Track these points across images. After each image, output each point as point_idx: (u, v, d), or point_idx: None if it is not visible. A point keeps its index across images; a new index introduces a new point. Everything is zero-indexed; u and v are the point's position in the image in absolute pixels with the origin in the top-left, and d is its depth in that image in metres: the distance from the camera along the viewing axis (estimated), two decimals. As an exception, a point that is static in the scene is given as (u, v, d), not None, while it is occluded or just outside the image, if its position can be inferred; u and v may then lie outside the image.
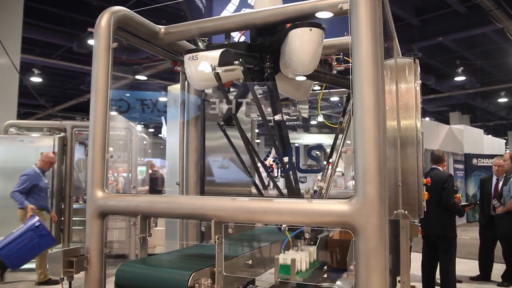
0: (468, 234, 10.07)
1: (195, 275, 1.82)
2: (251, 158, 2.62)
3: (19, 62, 8.74)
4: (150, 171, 10.10)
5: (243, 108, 2.92)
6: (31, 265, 7.26)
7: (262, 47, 2.53)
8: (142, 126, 9.36)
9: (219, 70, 2.34)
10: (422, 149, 3.33)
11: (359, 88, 1.63)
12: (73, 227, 7.50)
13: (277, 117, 2.42)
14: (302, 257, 2.13)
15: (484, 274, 6.60)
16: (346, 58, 2.89)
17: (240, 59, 2.25)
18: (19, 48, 8.85)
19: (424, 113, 19.50)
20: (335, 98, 3.33)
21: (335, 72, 3.01)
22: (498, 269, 6.47)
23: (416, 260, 5.29)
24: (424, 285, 5.54)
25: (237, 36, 2.91)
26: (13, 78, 8.57)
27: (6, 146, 7.27)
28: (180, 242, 2.97)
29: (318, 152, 2.70)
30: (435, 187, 5.17)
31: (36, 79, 13.66)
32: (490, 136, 21.37)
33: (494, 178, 6.36)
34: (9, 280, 6.47)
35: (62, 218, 7.42)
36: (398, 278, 3.52)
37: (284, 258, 2.02)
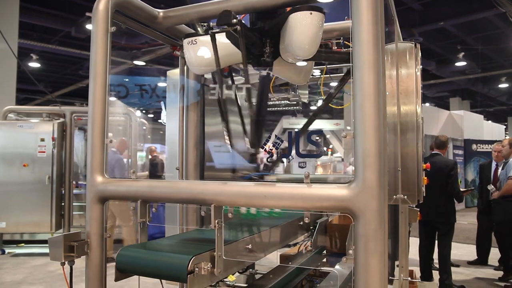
0: (466, 219, 10.14)
1: (195, 259, 1.83)
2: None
3: (17, 47, 8.68)
4: (150, 157, 10.11)
5: (243, 93, 2.91)
6: (32, 250, 7.36)
7: (262, 31, 2.50)
8: (142, 111, 9.33)
9: (216, 29, 2.30)
10: (422, 134, 3.33)
11: (359, 73, 1.62)
12: (74, 213, 7.55)
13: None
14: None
15: (482, 259, 6.67)
16: (347, 42, 2.87)
17: (238, 19, 2.21)
18: (17, 33, 8.78)
19: (424, 99, 19.46)
20: (334, 83, 3.30)
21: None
22: (495, 253, 6.54)
23: (413, 245, 5.33)
24: (422, 270, 5.60)
25: (236, 20, 2.88)
26: (11, 63, 8.52)
27: (6, 132, 7.27)
28: (180, 226, 2.99)
29: (318, 137, 2.70)
30: (439, 173, 5.20)
31: (34, 65, 13.57)
32: (490, 121, 21.36)
33: (494, 164, 6.37)
34: (9, 265, 6.53)
35: (63, 204, 7.46)
36: (396, 263, 3.55)
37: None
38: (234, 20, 2.19)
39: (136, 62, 12.93)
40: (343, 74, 3.32)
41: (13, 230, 7.37)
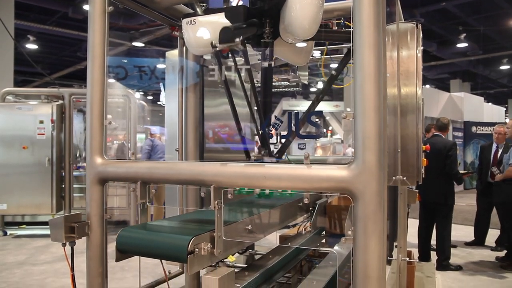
0: (464, 201, 10.21)
1: (195, 239, 1.85)
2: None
3: (13, 28, 8.58)
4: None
5: (242, 74, 2.89)
6: (33, 231, 7.42)
7: (261, 11, 2.47)
8: (141, 93, 9.29)
9: (220, 47, 2.29)
10: (422, 116, 3.32)
11: (360, 53, 1.60)
12: (74, 195, 7.58)
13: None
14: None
15: (479, 240, 6.74)
16: (347, 23, 2.83)
17: (241, 37, 2.21)
18: (12, 13, 8.67)
19: (425, 81, 19.34)
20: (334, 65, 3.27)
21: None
22: (492, 234, 6.61)
23: (412, 226, 5.38)
24: (420, 250, 5.66)
25: (235, 0, 2.84)
26: (8, 44, 8.44)
27: (4, 114, 7.25)
28: (180, 208, 3.00)
29: (317, 119, 2.69)
30: (438, 154, 5.21)
31: (31, 46, 13.44)
32: (490, 104, 21.30)
33: (494, 146, 6.39)
34: (11, 246, 6.59)
35: (63, 186, 7.49)
36: (395, 243, 3.59)
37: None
38: (237, 40, 2.21)
39: (135, 44, 12.81)
40: (343, 55, 3.29)
41: (14, 212, 7.41)
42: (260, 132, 2.48)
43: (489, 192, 6.13)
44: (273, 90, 3.68)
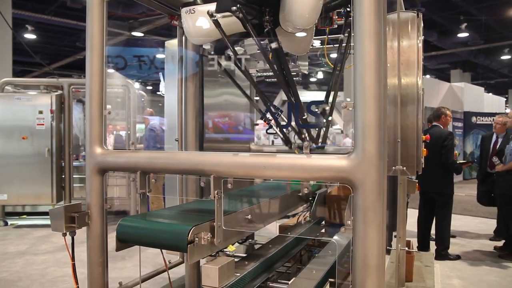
0: (464, 191, 10.23)
1: (195, 229, 1.85)
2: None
3: (11, 17, 8.52)
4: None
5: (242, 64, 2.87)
6: (34, 221, 7.44)
7: (261, -1, 2.45)
8: (140, 83, 9.25)
9: (218, 16, 2.26)
10: (422, 106, 3.31)
11: (360, 42, 1.59)
12: (74, 185, 7.60)
13: (274, 45, 2.37)
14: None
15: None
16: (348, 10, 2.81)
17: (238, 5, 2.18)
18: (10, 2, 8.60)
19: (425, 71, 19.28)
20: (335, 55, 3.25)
21: (336, 26, 2.95)
22: (492, 224, 6.63)
23: (411, 216, 5.40)
24: (419, 240, 5.68)
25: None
26: (6, 34, 8.38)
27: (3, 104, 7.22)
28: (180, 197, 3.01)
29: (317, 110, 2.68)
30: (434, 144, 5.20)
31: (30, 36, 13.35)
32: (490, 94, 21.25)
33: (494, 136, 6.40)
34: (12, 236, 6.62)
35: (63, 176, 7.50)
36: (394, 233, 3.61)
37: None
38: (234, 8, 2.16)
39: (134, 33, 12.73)
40: (344, 44, 3.27)
41: (15, 202, 7.43)
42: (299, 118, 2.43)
43: (488, 181, 6.15)
44: (272, 80, 3.68)
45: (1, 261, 5.28)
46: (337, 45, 3.12)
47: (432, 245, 5.61)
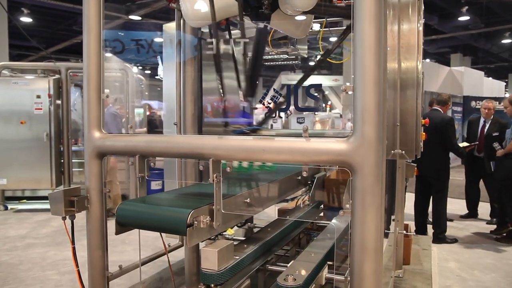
0: (461, 176, 10.24)
1: (194, 212, 1.86)
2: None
3: (6, 0, 8.41)
4: (148, 113, 10.05)
5: (240, 48, 2.85)
6: (34, 205, 7.48)
7: (260, -19, 2.41)
8: (139, 67, 9.19)
9: None
10: (422, 90, 3.30)
11: (360, 24, 1.57)
12: (73, 169, 7.60)
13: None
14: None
15: (472, 212, 6.88)
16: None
17: None
18: (6, -15, 8.47)
19: (425, 55, 19.15)
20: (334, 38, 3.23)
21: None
22: (487, 208, 6.69)
23: (409, 200, 5.44)
24: (417, 224, 5.73)
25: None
26: (2, 17, 8.29)
27: (0, 88, 7.18)
28: (179, 181, 3.01)
29: (316, 94, 2.67)
30: (434, 128, 5.20)
31: (26, 19, 13.19)
32: (490, 78, 21.16)
33: (482, 120, 6.49)
34: (13, 220, 6.65)
35: (62, 161, 7.50)
36: (392, 217, 3.63)
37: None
38: None
39: (132, 17, 12.59)
40: (343, 28, 3.24)
41: (14, 186, 7.45)
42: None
43: (475, 165, 6.32)
44: (272, 63, 3.65)
45: (2, 244, 5.32)
46: (336, 28, 3.09)
47: (430, 229, 5.66)
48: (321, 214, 3.47)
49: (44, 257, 4.80)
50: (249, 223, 3.30)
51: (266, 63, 3.64)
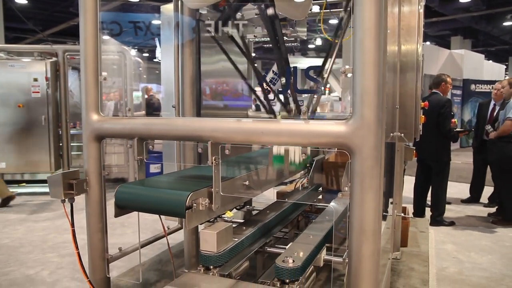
0: (460, 159, 10.30)
1: (193, 195, 1.86)
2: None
3: (1, -19, 8.27)
4: (146, 96, 9.99)
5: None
6: (33, 189, 7.49)
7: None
8: (137, 50, 9.10)
9: None
10: (421, 73, 3.28)
11: (360, 6, 1.55)
12: (72, 153, 7.60)
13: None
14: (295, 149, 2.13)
15: (474, 197, 6.85)
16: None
17: None
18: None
19: (425, 37, 18.97)
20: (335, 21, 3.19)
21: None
22: (486, 191, 6.71)
23: (407, 183, 5.45)
24: (415, 206, 5.76)
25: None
26: (-4, -1, 8.16)
27: (-3, 71, 7.11)
28: (178, 164, 3.01)
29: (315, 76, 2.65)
30: (432, 111, 5.18)
31: (21, 1, 12.99)
32: (490, 61, 21.03)
33: (492, 103, 6.33)
34: (12, 204, 6.67)
35: (61, 144, 7.49)
36: (390, 200, 3.65)
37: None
38: None
39: (129, -1, 12.40)
40: (342, 9, 3.20)
41: (13, 170, 7.45)
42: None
43: (483, 149, 6.16)
44: (270, 45, 3.61)
45: (2, 227, 5.35)
46: (336, 9, 3.05)
47: (428, 212, 5.70)
48: (320, 196, 3.49)
49: (44, 240, 4.82)
50: (248, 206, 3.31)
51: (265, 45, 3.60)
